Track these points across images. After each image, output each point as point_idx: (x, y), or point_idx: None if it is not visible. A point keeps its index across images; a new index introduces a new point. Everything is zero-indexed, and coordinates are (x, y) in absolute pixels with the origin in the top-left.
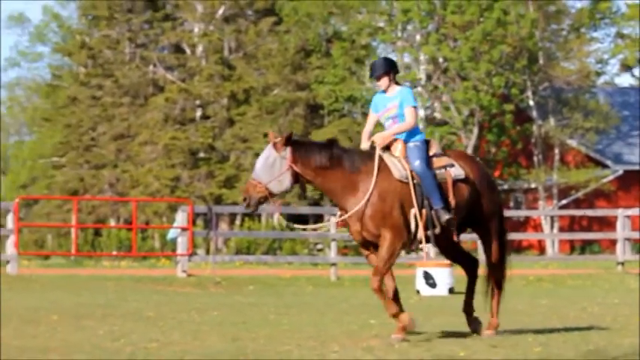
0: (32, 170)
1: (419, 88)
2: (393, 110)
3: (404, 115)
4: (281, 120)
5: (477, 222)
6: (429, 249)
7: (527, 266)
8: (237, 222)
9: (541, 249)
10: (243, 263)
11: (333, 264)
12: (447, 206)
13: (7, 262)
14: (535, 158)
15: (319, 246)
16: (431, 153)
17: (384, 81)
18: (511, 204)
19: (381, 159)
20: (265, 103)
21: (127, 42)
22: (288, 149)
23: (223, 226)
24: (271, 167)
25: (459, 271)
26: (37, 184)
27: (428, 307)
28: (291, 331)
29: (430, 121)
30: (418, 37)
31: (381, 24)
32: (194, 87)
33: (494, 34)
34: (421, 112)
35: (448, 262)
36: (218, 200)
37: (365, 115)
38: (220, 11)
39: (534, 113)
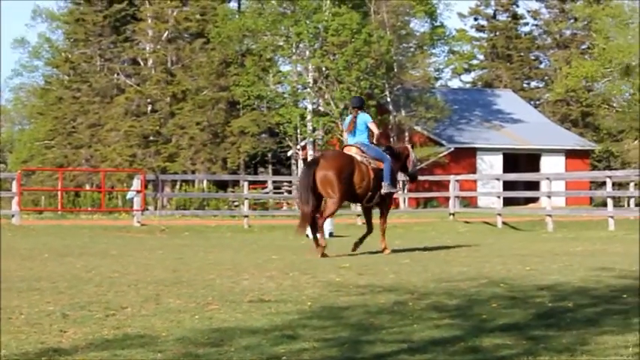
0: (30, 150)
1: (307, 89)
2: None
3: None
4: (208, 112)
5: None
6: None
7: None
8: (177, 186)
9: (396, 204)
10: (181, 216)
11: (246, 216)
12: None
13: (12, 215)
14: (391, 139)
15: (236, 203)
16: None
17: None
18: None
19: None
20: (197, 100)
21: (98, 57)
22: None
23: (167, 189)
24: None
25: (337, 220)
26: (34, 160)
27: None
28: (215, 264)
29: (316, 112)
30: (307, 53)
31: (281, 43)
32: (146, 89)
33: (362, 50)
34: (309, 106)
35: None
36: (163, 171)
37: (269, 108)
38: (165, 34)
39: (390, 107)
